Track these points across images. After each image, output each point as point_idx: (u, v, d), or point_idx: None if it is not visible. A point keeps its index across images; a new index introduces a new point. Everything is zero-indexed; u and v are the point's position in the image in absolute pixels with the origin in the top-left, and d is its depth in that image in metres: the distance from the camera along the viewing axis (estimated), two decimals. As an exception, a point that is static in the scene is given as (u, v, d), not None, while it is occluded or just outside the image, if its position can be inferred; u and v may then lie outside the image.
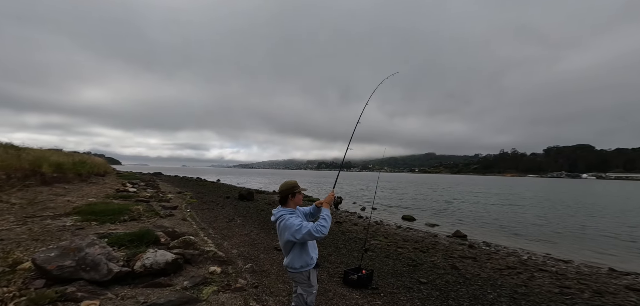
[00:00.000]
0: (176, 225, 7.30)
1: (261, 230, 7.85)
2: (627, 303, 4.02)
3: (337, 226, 9.42)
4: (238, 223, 8.70)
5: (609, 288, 4.63)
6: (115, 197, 11.37)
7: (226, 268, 4.18)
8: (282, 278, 4.24)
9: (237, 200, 15.08)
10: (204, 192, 19.24)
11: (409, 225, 11.27)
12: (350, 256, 5.87)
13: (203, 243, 5.27)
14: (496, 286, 4.35)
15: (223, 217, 9.81)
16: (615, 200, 24.57)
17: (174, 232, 5.80)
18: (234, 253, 5.37)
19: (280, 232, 2.23)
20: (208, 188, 23.22)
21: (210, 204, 12.95)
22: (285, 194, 2.34)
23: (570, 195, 28.28)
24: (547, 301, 3.87)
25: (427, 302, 3.65)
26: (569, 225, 12.04)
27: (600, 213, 15.64)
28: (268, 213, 11.20)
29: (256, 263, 4.84)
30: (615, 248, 8.39)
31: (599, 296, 4.21)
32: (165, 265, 3.63)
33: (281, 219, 2.22)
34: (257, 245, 6.18)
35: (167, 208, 10.24)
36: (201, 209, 11.22)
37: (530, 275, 5.18)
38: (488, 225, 11.83)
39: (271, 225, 8.83)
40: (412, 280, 4.49)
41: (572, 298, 4.03)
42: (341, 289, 4.06)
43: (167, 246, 4.61)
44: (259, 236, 7.09)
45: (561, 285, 4.67)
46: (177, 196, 16.01)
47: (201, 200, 14.13)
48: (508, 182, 73.74)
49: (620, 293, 4.40)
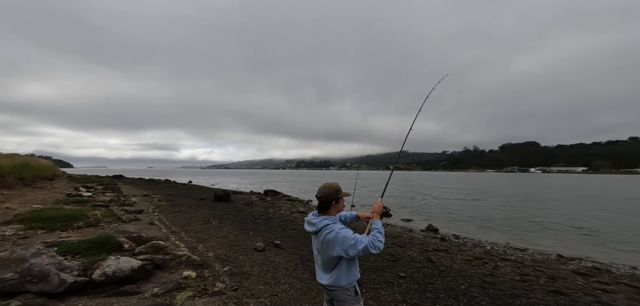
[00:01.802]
0: (143, 229, 6.68)
1: (240, 231, 7.51)
2: (575, 286, 4.50)
3: (318, 225, 9.40)
4: (214, 226, 8.24)
5: (560, 273, 5.17)
6: (66, 202, 10.09)
7: (202, 272, 3.90)
8: (263, 280, 4.08)
9: (212, 202, 14.30)
10: (175, 194, 17.93)
11: (386, 221, 11.66)
12: (332, 254, 5.87)
13: (175, 248, 4.88)
14: (467, 277, 4.62)
15: (197, 219, 9.22)
16: (557, 191, 28.01)
17: (140, 237, 5.28)
18: (210, 256, 5.05)
19: (325, 245, 1.82)
20: (179, 190, 21.71)
21: (182, 206, 12.10)
22: (328, 200, 1.91)
23: (522, 189, 31.64)
24: (511, 288, 4.20)
25: (407, 296, 3.75)
26: (522, 216, 13.43)
27: (546, 204, 17.72)
28: (247, 214, 10.79)
29: (235, 265, 4.60)
30: (561, 236, 9.52)
31: (552, 281, 4.67)
32: (131, 272, 3.26)
33: (327, 230, 1.81)
34: (236, 246, 5.90)
35: (132, 212, 9.36)
36: (172, 212, 10.43)
37: (494, 265, 5.59)
38: (456, 219, 12.72)
39: (250, 226, 8.52)
40: (392, 274, 4.61)
41: (531, 284, 4.42)
42: (324, 287, 4.03)
43: (132, 253, 4.17)
44: (237, 237, 6.77)
45: (521, 272, 5.10)
46: (143, 199, 14.68)
47: (172, 203, 13.14)
48: (471, 177, 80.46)
49: (569, 278, 4.93)
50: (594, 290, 4.29)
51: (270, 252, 5.64)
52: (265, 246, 5.93)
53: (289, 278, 4.29)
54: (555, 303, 3.63)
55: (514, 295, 3.84)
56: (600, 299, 3.87)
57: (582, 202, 19.11)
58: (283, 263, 4.97)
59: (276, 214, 11.30)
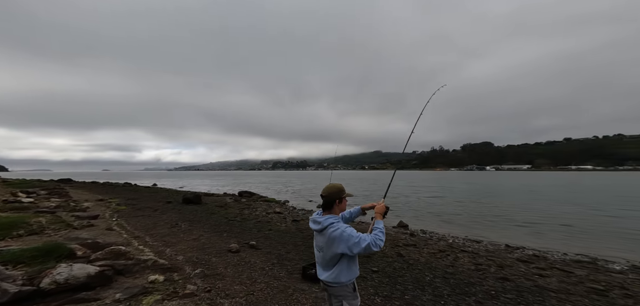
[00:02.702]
0: (99, 235, 6.06)
1: (212, 234, 7.20)
2: (518, 272, 5.09)
3: (295, 224, 9.37)
4: (183, 229, 7.77)
5: (507, 262, 5.82)
6: (2, 209, 8.72)
7: (171, 276, 3.69)
8: (238, 280, 3.99)
9: (181, 205, 13.43)
10: (137, 198, 16.45)
11: (361, 219, 12.05)
12: (309, 252, 5.92)
13: (138, 253, 4.53)
14: (432, 269, 5.01)
15: (164, 223, 8.61)
16: (506, 187, 31.50)
17: (97, 244, 4.81)
18: (179, 259, 4.79)
19: (330, 242, 1.88)
20: (142, 194, 19.95)
21: (146, 211, 11.18)
22: (332, 199, 1.98)
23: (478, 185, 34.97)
24: (468, 277, 4.65)
25: (379, 288, 3.96)
26: (478, 210, 14.90)
27: (497, 199, 19.87)
28: (220, 216, 10.34)
29: (208, 267, 4.42)
30: (508, 227, 10.76)
31: (501, 269, 5.24)
32: (87, 278, 2.97)
33: (332, 228, 1.87)
34: (208, 249, 5.65)
35: (84, 218, 8.43)
36: (134, 217, 9.59)
37: (455, 256, 6.09)
38: (424, 215, 13.65)
39: (224, 228, 8.21)
40: (366, 269, 4.80)
41: (483, 273, 4.92)
42: (301, 284, 4.07)
43: (87, 259, 3.78)
44: (209, 240, 6.49)
45: (476, 262, 5.63)
46: (98, 204, 13.27)
47: (134, 207, 12.07)
48: (437, 175, 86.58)
49: (514, 265, 5.56)
50: (533, 275, 4.90)
51: (245, 253, 5.52)
52: (240, 248, 5.78)
53: (265, 278, 4.26)
54: (503, 289, 4.08)
55: (471, 283, 4.27)
56: (538, 283, 4.43)
57: (525, 196, 21.78)
58: (259, 263, 4.90)
59: (252, 215, 11.02)
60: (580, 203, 17.01)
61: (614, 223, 10.90)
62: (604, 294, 3.90)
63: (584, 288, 4.13)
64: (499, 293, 3.86)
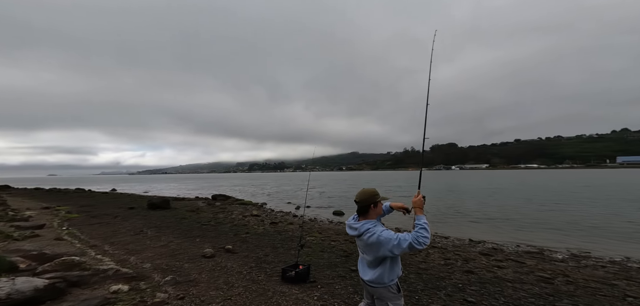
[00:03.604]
0: (46, 246, 5.34)
1: (184, 239, 6.75)
2: (480, 265, 5.52)
3: (273, 226, 9.18)
4: (150, 235, 7.18)
5: (471, 255, 6.30)
6: None
7: (137, 284, 3.38)
8: (214, 285, 3.79)
9: (146, 210, 12.37)
10: (93, 205, 14.81)
11: (340, 220, 12.23)
12: (288, 254, 5.84)
13: (96, 262, 4.08)
14: (406, 265, 5.19)
15: (126, 230, 7.86)
16: (469, 185, 34.34)
17: (44, 255, 4.23)
18: (146, 267, 4.41)
19: (369, 247, 1.88)
20: (98, 200, 18.01)
21: (104, 218, 10.11)
22: (367, 204, 1.96)
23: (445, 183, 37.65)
24: (438, 272, 4.91)
25: (358, 287, 4.02)
26: (446, 207, 16.06)
27: (462, 196, 21.60)
28: (192, 221, 9.73)
29: (180, 273, 4.14)
30: (472, 222, 11.77)
31: (466, 262, 5.64)
32: (34, 292, 2.59)
33: (369, 233, 1.87)
34: (180, 255, 5.29)
35: (27, 228, 7.39)
36: (89, 225, 8.63)
37: (427, 253, 6.37)
38: (398, 214, 14.32)
39: (196, 233, 7.74)
40: (345, 269, 4.86)
41: (451, 267, 5.26)
42: (280, 287, 3.99)
43: (32, 272, 3.30)
44: (181, 246, 6.08)
45: (445, 257, 5.99)
46: (43, 212, 11.71)
47: (88, 215, 10.85)
48: (409, 174, 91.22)
49: (477, 258, 6.03)
50: (493, 267, 5.34)
51: (221, 258, 5.27)
52: (215, 252, 5.50)
53: (243, 281, 4.10)
54: (468, 281, 4.39)
55: (440, 278, 4.53)
56: (497, 274, 4.84)
57: (485, 193, 24.01)
58: (236, 267, 4.71)
59: (227, 219, 10.54)
60: (530, 199, 19.19)
61: (555, 216, 12.48)
62: (550, 281, 4.38)
63: (534, 277, 4.61)
64: (465, 285, 4.17)
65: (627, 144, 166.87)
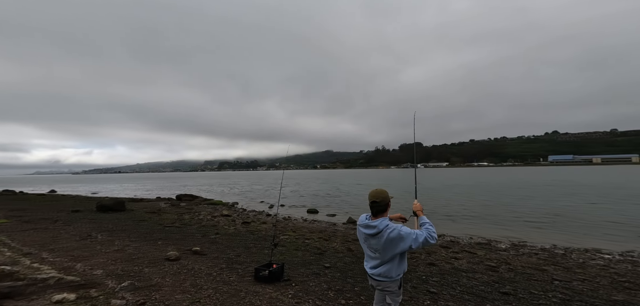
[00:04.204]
0: (-37, 258, 4.40)
1: (143, 243, 6.18)
2: (441, 257, 5.99)
3: (245, 226, 8.88)
4: (100, 240, 6.43)
5: (433, 248, 6.74)
6: None
7: (86, 292, 3.00)
8: (180, 289, 3.54)
9: (95, 213, 11.03)
10: (26, 209, 12.71)
11: (314, 218, 12.32)
12: (261, 253, 5.72)
13: (32, 271, 3.52)
14: None
15: (69, 235, 6.93)
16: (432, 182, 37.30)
17: (-40, 269, 3.49)
18: (97, 273, 3.94)
19: (388, 243, 1.96)
20: (33, 203, 15.54)
21: (41, 223, 8.77)
22: (385, 203, 2.07)
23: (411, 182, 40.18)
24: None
25: (332, 283, 4.12)
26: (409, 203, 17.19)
27: (425, 193, 23.35)
28: (153, 223, 8.94)
29: (139, 279, 3.78)
30: (434, 217, 12.80)
31: (429, 255, 6.06)
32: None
33: (390, 228, 1.96)
34: (138, 259, 4.83)
35: None
36: (21, 231, 7.41)
37: None
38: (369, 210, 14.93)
39: (158, 235, 7.13)
40: (319, 266, 4.93)
41: (416, 260, 5.62)
42: (254, 287, 3.90)
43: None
44: (139, 249, 5.55)
45: (411, 251, 6.47)
46: (-41, 217, 9.67)
47: (20, 220, 9.31)
48: (381, 173, 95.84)
49: (438, 251, 6.52)
50: (451, 258, 5.83)
51: (187, 260, 4.94)
52: (180, 255, 5.13)
53: (213, 283, 3.90)
54: (430, 273, 4.76)
55: (407, 271, 4.83)
56: (454, 265, 5.30)
57: (444, 189, 26.33)
58: (205, 270, 4.46)
59: (194, 220, 9.89)
60: (479, 194, 21.55)
61: (499, 210, 14.21)
62: (496, 270, 4.96)
63: (483, 266, 5.17)
64: (428, 277, 4.51)
65: (557, 145, 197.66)
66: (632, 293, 3.83)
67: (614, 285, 4.22)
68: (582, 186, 25.18)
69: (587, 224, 10.12)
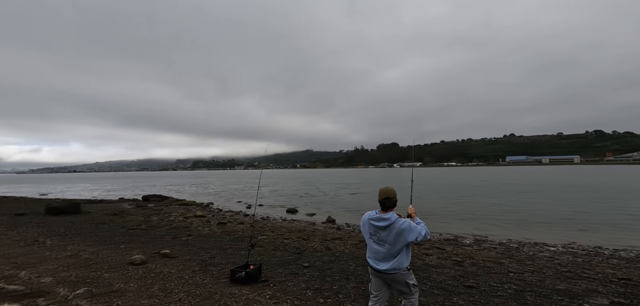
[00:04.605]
0: None
1: (102, 247, 5.65)
2: (414, 254, 6.08)
3: (221, 227, 8.51)
4: (50, 245, 5.75)
5: None
6: None
7: (33, 302, 2.66)
8: (146, 294, 3.28)
9: (43, 216, 9.82)
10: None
11: (293, 217, 12.20)
12: (238, 255, 5.52)
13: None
14: (355, 258, 5.52)
15: (11, 241, 6.14)
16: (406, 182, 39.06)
17: None
18: (46, 281, 3.51)
19: (399, 234, 2.21)
20: (-36, 205, 13.27)
21: (-26, 227, 7.53)
22: (395, 199, 2.34)
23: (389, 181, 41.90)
24: None
25: (310, 283, 4.10)
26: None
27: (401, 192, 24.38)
28: (115, 226, 8.20)
29: (97, 285, 3.44)
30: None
31: None
32: None
33: (400, 222, 2.23)
34: (96, 264, 4.41)
35: None
36: (-53, 238, 6.28)
37: None
38: (348, 209, 15.21)
39: (120, 239, 6.58)
40: (298, 266, 4.89)
41: None
42: (229, 288, 3.75)
43: None
44: (98, 254, 5.05)
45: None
46: None
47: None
48: (360, 172, 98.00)
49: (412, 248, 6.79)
50: (422, 254, 6.07)
51: (155, 264, 4.61)
52: (147, 259, 4.76)
53: (185, 287, 3.68)
54: None
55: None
56: (425, 261, 5.54)
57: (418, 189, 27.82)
58: (175, 273, 4.19)
59: (163, 222, 9.24)
60: (448, 193, 23.11)
61: (465, 207, 15.39)
62: (461, 264, 5.27)
63: (451, 261, 5.47)
64: None
65: (513, 146, 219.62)
66: (572, 282, 4.26)
67: (558, 275, 4.61)
68: (532, 184, 28.16)
69: (536, 219, 11.27)
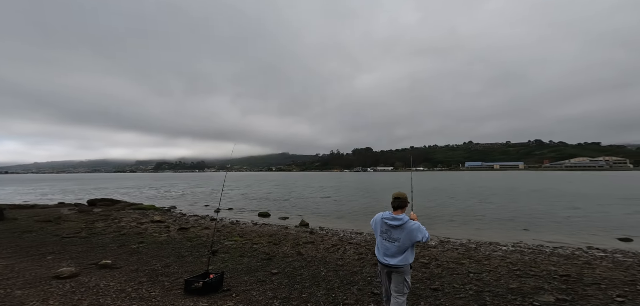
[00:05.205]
0: None
1: (21, 258, 4.71)
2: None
3: (182, 232, 7.66)
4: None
5: None
6: None
7: None
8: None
9: None
10: None
11: (265, 221, 11.59)
12: (198, 263, 4.95)
13: None
14: (326, 263, 5.31)
15: None
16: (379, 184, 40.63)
17: None
18: None
19: (409, 233, 2.59)
20: None
21: None
22: (407, 202, 2.71)
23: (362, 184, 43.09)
24: (352, 267, 5.20)
25: (278, 291, 3.80)
26: (361, 206, 18.19)
27: (375, 196, 25.21)
28: (45, 234, 6.99)
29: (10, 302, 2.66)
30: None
31: (373, 256, 6.00)
32: None
33: (410, 222, 2.61)
34: (7, 280, 3.57)
35: None
36: None
37: (344, 249, 6.73)
38: (322, 213, 15.02)
39: (49, 249, 5.54)
40: (265, 273, 4.55)
41: (363, 261, 5.66)
42: (183, 301, 3.27)
43: None
44: (12, 267, 4.20)
45: (359, 252, 6.42)
46: None
47: None
48: (334, 176, 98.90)
49: None
50: None
51: (89, 276, 3.88)
52: (79, 271, 3.99)
53: (124, 301, 3.12)
54: (375, 274, 4.73)
55: (354, 273, 4.80)
56: None
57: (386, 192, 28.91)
58: (115, 286, 3.55)
59: (111, 228, 8.06)
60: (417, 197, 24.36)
61: (432, 210, 16.26)
62: (427, 266, 5.32)
63: (418, 263, 5.45)
64: (372, 278, 4.55)
65: (471, 153, 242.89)
66: (523, 280, 4.47)
67: (510, 274, 4.73)
68: (485, 188, 31.09)
69: (489, 219, 12.21)
